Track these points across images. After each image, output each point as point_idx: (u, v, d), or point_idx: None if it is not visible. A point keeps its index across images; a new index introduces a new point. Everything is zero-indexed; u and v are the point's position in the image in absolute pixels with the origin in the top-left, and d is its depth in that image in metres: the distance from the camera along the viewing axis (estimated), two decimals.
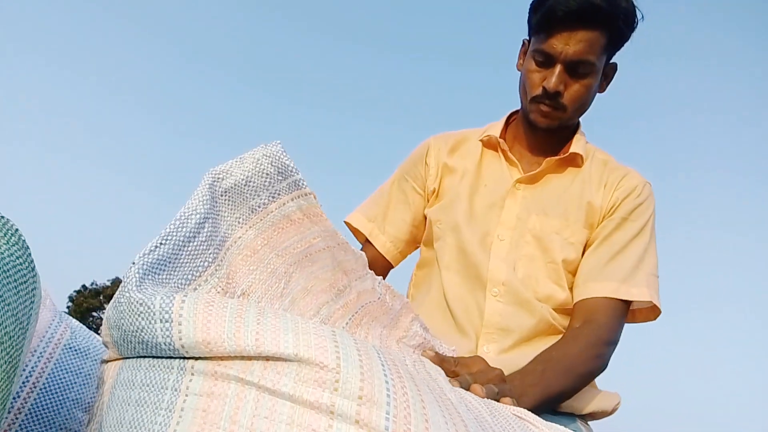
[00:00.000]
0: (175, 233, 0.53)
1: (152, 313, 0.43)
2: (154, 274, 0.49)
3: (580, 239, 1.01)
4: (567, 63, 0.96)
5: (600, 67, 0.99)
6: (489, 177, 1.09)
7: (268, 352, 0.40)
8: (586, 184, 1.04)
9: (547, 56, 0.97)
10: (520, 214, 1.03)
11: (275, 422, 0.38)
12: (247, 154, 0.64)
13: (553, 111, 1.00)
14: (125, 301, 0.45)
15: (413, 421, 0.38)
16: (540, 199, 1.04)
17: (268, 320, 0.43)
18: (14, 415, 0.54)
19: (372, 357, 0.42)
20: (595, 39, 0.94)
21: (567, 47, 0.95)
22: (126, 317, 0.45)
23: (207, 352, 0.41)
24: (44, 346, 0.58)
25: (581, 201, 1.02)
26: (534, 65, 1.00)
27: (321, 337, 0.42)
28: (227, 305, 0.44)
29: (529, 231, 1.02)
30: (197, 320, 0.42)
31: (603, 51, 0.97)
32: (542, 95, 0.99)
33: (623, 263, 0.97)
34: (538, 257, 1.00)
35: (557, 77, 0.96)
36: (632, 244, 0.99)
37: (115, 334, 0.47)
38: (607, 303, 0.95)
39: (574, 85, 0.98)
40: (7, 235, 0.42)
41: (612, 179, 1.04)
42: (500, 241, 1.02)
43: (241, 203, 0.61)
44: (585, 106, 1.03)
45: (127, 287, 0.46)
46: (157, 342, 0.43)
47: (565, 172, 1.06)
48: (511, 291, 0.99)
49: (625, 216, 1.01)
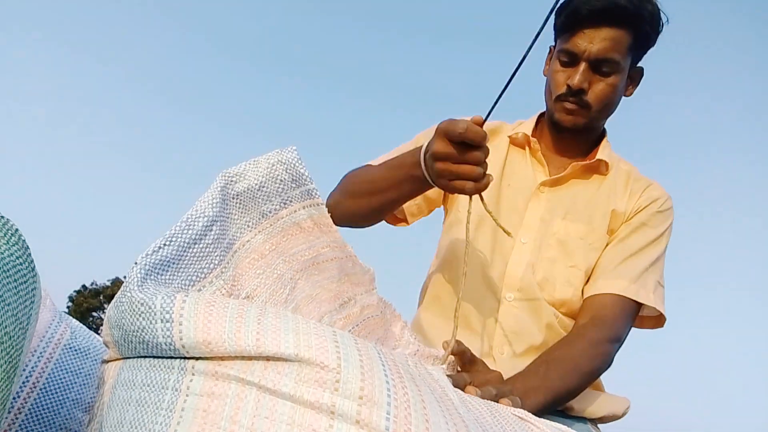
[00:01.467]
0: (180, 235, 0.53)
1: (153, 313, 0.43)
2: (156, 274, 0.49)
3: (603, 246, 1.01)
4: (591, 61, 0.95)
5: (625, 68, 0.98)
6: (513, 176, 1.07)
7: (269, 352, 0.40)
8: (611, 192, 1.03)
9: (572, 55, 0.96)
10: (543, 216, 1.02)
11: (275, 422, 0.38)
12: (262, 158, 0.64)
13: (577, 108, 0.99)
14: (126, 301, 0.45)
15: (414, 421, 0.38)
16: (564, 203, 1.03)
17: (269, 320, 0.43)
18: (14, 415, 0.54)
19: (372, 357, 0.42)
20: (619, 38, 0.94)
21: (591, 45, 0.94)
22: (127, 317, 0.45)
23: (207, 352, 0.41)
24: (44, 346, 0.58)
25: (606, 208, 1.02)
26: (559, 65, 0.99)
27: (321, 338, 0.41)
28: (228, 305, 0.44)
29: (553, 234, 1.01)
30: (198, 320, 0.42)
31: (628, 51, 0.96)
32: (566, 93, 0.98)
33: (636, 264, 0.97)
34: (560, 261, 1.00)
35: (581, 74, 0.96)
36: (647, 249, 0.99)
37: (116, 333, 0.47)
38: (616, 300, 0.94)
39: (599, 84, 0.97)
40: (7, 235, 0.41)
41: (636, 188, 1.04)
42: (522, 244, 1.01)
43: (252, 207, 0.61)
44: (610, 107, 1.02)
45: (129, 287, 0.46)
46: (158, 342, 0.43)
47: (591, 179, 1.05)
48: (526, 295, 0.98)
49: (645, 222, 1.01)
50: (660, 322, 1.02)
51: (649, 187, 1.05)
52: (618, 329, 0.93)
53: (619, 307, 0.94)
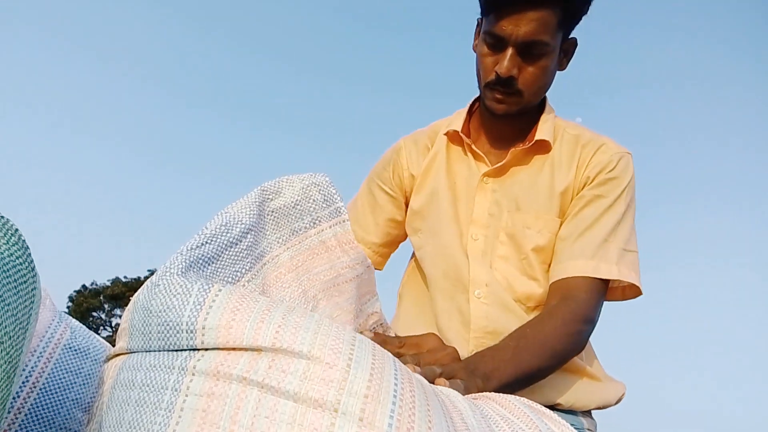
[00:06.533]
0: (219, 236, 0.56)
1: (189, 294, 0.45)
2: (198, 268, 0.52)
3: (552, 228, 0.97)
4: (519, 45, 0.90)
5: (556, 46, 0.93)
6: (458, 173, 1.05)
7: (281, 347, 0.41)
8: (556, 170, 0.99)
9: (498, 39, 0.91)
10: (491, 209, 0.99)
11: (276, 422, 0.38)
12: (296, 177, 0.68)
13: (508, 97, 0.94)
14: (165, 283, 0.47)
15: (417, 421, 0.39)
16: (510, 193, 0.99)
17: (294, 318, 0.44)
18: (14, 415, 0.54)
19: (386, 362, 0.42)
20: (546, 17, 0.88)
21: (517, 29, 0.88)
22: (159, 297, 0.46)
23: (223, 340, 0.42)
24: (44, 346, 0.58)
25: (552, 191, 0.97)
26: (486, 48, 0.94)
27: (338, 340, 0.42)
28: (259, 300, 0.45)
29: (502, 229, 0.98)
30: (227, 307, 0.44)
31: (557, 29, 0.91)
32: (495, 81, 0.93)
33: (591, 239, 0.93)
34: (512, 255, 0.97)
35: (509, 61, 0.90)
36: (602, 219, 0.94)
37: (135, 317, 0.48)
38: (581, 281, 0.91)
39: (529, 68, 0.92)
40: (7, 235, 0.42)
41: (584, 156, 0.99)
42: (474, 241, 0.99)
43: (284, 224, 0.65)
44: (543, 89, 0.98)
45: (170, 271, 0.48)
46: (180, 322, 0.44)
47: (533, 161, 1.01)
48: (494, 291, 0.96)
49: (597, 193, 0.96)
50: (633, 292, 0.98)
51: (597, 151, 0.99)
52: (589, 309, 0.89)
53: (586, 287, 0.90)
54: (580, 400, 0.94)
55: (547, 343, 0.83)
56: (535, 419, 0.53)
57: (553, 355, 0.84)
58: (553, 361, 0.84)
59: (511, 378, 0.77)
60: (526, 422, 0.52)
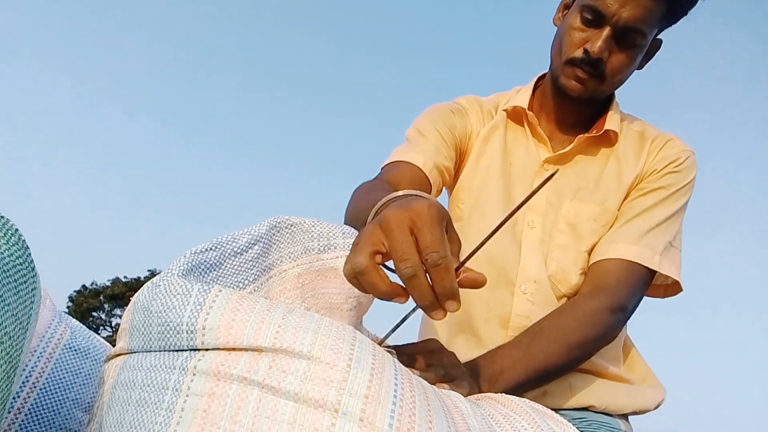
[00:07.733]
0: (225, 244, 0.56)
1: (189, 294, 0.45)
2: (200, 272, 0.52)
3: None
4: (618, 28, 0.84)
5: (648, 41, 0.89)
6: (514, 155, 0.98)
7: (282, 348, 0.41)
8: (622, 164, 0.94)
9: (599, 15, 0.85)
10: (549, 198, 0.94)
11: (277, 422, 0.38)
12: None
13: (589, 79, 0.89)
14: (165, 283, 0.47)
15: (417, 421, 0.39)
16: (572, 182, 0.94)
17: (294, 318, 0.44)
18: (14, 415, 0.54)
19: (386, 362, 0.42)
20: (653, 7, 0.84)
21: (622, 9, 0.83)
22: (159, 298, 0.46)
23: (223, 341, 0.42)
24: (44, 346, 0.58)
25: (620, 184, 0.93)
26: (579, 22, 0.88)
27: (339, 340, 0.42)
28: (258, 302, 0.45)
29: (563, 218, 0.93)
30: (228, 307, 0.44)
31: (658, 22, 0.87)
32: (582, 59, 0.88)
33: (639, 225, 0.89)
34: (571, 247, 0.91)
35: (604, 41, 0.85)
36: (655, 209, 0.90)
37: (136, 318, 0.48)
38: (619, 265, 0.86)
39: (619, 55, 0.87)
40: (7, 235, 0.41)
41: (651, 149, 0.95)
42: (531, 229, 0.93)
43: (299, 241, 0.64)
44: (623, 80, 0.92)
45: (171, 273, 0.48)
46: (180, 322, 0.44)
47: (599, 152, 0.96)
48: (543, 289, 0.91)
49: (658, 184, 0.92)
50: (674, 289, 0.93)
51: (666, 144, 0.95)
52: (621, 297, 0.84)
53: (624, 272, 0.85)
54: (613, 404, 0.90)
55: (563, 337, 0.79)
56: (537, 420, 0.53)
57: (570, 348, 0.79)
58: (572, 354, 0.79)
59: (521, 379, 0.74)
60: (529, 422, 0.52)
